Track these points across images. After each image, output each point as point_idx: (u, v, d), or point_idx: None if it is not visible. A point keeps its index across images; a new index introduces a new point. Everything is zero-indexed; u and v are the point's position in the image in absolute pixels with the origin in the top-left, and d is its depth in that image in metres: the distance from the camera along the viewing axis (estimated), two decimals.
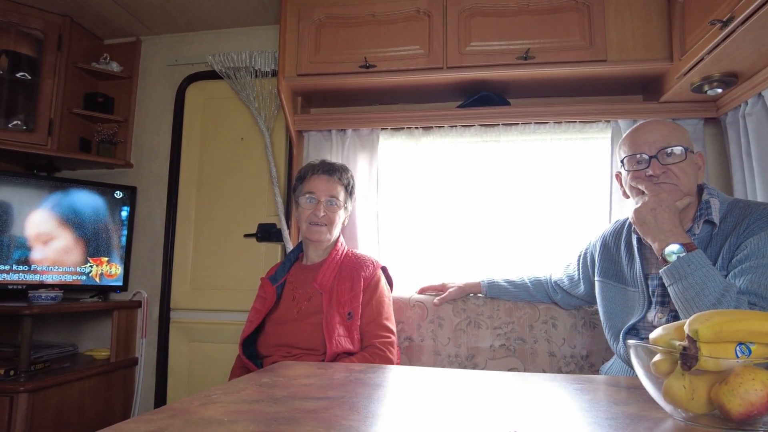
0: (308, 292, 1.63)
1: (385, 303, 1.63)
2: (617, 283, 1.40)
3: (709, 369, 0.69)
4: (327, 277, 1.62)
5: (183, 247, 2.46)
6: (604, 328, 1.43)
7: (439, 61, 1.93)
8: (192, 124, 2.53)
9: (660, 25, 1.80)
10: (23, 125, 2.27)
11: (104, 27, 2.53)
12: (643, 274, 1.31)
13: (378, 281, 1.65)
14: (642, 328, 1.29)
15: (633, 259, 1.36)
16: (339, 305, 1.56)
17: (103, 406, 2.22)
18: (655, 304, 1.28)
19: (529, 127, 2.05)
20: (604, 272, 1.44)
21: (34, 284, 2.19)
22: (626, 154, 1.32)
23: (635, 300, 1.33)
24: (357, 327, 1.56)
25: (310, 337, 1.53)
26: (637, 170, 1.28)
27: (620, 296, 1.38)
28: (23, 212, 2.22)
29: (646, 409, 0.78)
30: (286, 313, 1.63)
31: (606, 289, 1.42)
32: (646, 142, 1.28)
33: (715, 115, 1.89)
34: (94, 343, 2.48)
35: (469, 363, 1.76)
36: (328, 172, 1.71)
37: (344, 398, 0.84)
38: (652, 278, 1.30)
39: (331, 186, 1.69)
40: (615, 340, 1.36)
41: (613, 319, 1.37)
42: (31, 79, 2.28)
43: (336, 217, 1.69)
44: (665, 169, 1.25)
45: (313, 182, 1.70)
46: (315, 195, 1.68)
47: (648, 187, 1.24)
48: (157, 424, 0.68)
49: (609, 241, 1.47)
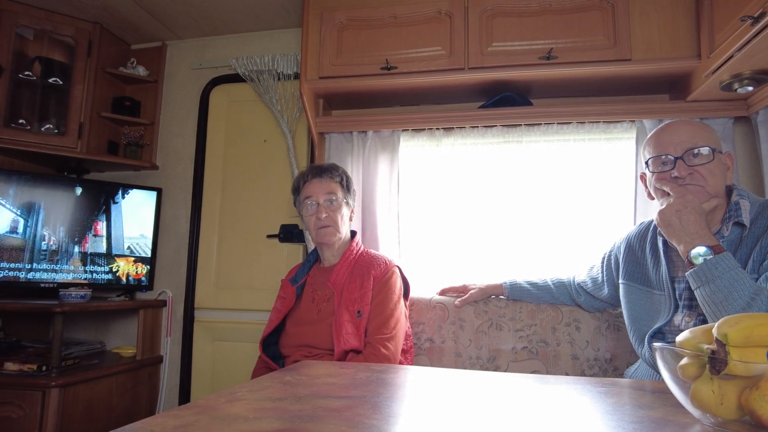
0: (326, 294, 1.64)
1: (391, 299, 1.59)
2: (642, 286, 1.37)
3: (739, 374, 0.67)
4: (340, 277, 1.63)
5: (207, 247, 2.50)
6: (629, 332, 1.40)
7: (460, 61, 1.92)
8: (216, 127, 2.57)
9: (687, 23, 1.77)
10: (55, 129, 2.34)
11: (132, 32, 2.60)
12: (669, 277, 1.29)
13: (388, 280, 1.62)
14: (668, 332, 1.26)
15: (658, 262, 1.33)
16: (348, 303, 1.56)
17: (129, 403, 2.27)
18: (683, 308, 1.25)
19: (551, 127, 2.03)
20: (629, 275, 1.41)
21: (65, 283, 2.26)
22: (651, 155, 1.29)
23: (661, 303, 1.30)
24: (365, 325, 1.56)
25: (327, 338, 1.54)
26: (663, 171, 1.25)
27: (645, 299, 1.35)
28: (54, 213, 2.29)
29: (673, 413, 0.76)
30: (306, 313, 1.65)
31: (630, 292, 1.40)
32: (671, 143, 1.25)
33: (745, 114, 1.84)
34: (121, 341, 2.54)
35: (491, 365, 1.75)
36: (318, 174, 1.71)
37: (366, 397, 0.84)
38: (678, 281, 1.27)
39: (325, 185, 1.68)
40: (640, 343, 1.34)
41: (638, 323, 1.35)
42: (62, 84, 2.35)
43: (339, 215, 1.68)
44: (691, 170, 1.21)
45: (308, 188, 1.69)
46: (313, 198, 1.67)
47: (673, 189, 1.21)
48: (184, 420, 0.69)
49: (634, 243, 1.44)
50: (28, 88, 2.35)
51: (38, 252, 2.24)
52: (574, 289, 1.70)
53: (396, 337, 1.55)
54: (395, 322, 1.57)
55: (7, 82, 2.21)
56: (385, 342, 1.52)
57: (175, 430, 0.65)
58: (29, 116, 2.33)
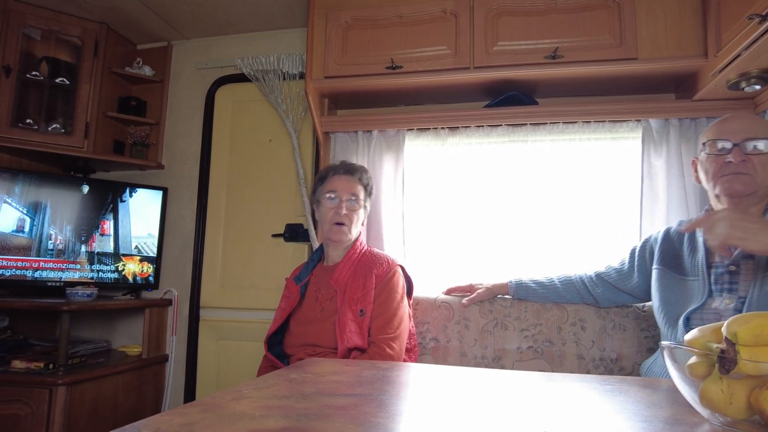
0: (330, 292, 1.65)
1: (395, 299, 1.59)
2: (676, 273, 1.40)
3: (749, 373, 0.67)
4: (343, 275, 1.63)
5: (212, 246, 2.51)
6: (659, 316, 1.41)
7: (465, 61, 1.92)
8: (221, 126, 2.58)
9: (694, 21, 1.76)
10: (61, 128, 2.36)
11: (138, 33, 2.61)
12: (706, 264, 1.32)
13: (391, 279, 1.62)
14: (705, 315, 1.27)
15: (695, 250, 1.37)
16: (351, 302, 1.56)
17: (135, 401, 2.28)
18: (721, 291, 1.27)
19: (557, 126, 2.02)
20: (664, 262, 1.44)
21: (71, 282, 2.27)
22: (709, 138, 1.33)
23: (694, 289, 1.33)
24: (368, 324, 1.56)
25: (331, 337, 1.54)
26: (718, 155, 1.30)
27: (678, 286, 1.38)
28: (61, 212, 2.31)
29: (681, 412, 0.76)
30: (309, 312, 1.65)
31: (664, 277, 1.42)
32: (732, 131, 1.29)
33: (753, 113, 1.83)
34: (127, 340, 2.55)
35: (496, 365, 1.74)
36: (348, 172, 1.73)
37: (372, 395, 0.84)
38: (716, 266, 1.30)
39: (352, 185, 1.71)
40: (672, 326, 1.34)
41: (669, 306, 1.37)
42: (69, 84, 2.36)
43: (356, 216, 1.70)
44: (745, 158, 1.26)
45: (334, 181, 1.72)
46: (337, 193, 1.69)
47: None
48: (190, 418, 0.69)
49: (672, 235, 1.48)
50: (36, 88, 2.36)
51: (45, 251, 2.25)
52: (590, 282, 1.67)
53: (400, 337, 1.56)
54: (399, 322, 1.57)
55: (15, 82, 2.23)
56: (390, 342, 1.52)
57: (181, 428, 0.65)
58: (36, 116, 2.34)
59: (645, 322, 1.68)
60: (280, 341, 1.69)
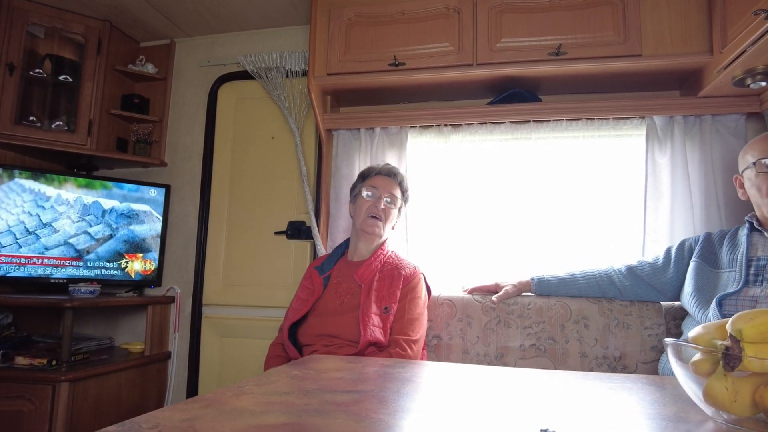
0: (352, 287, 1.68)
1: (418, 304, 1.64)
2: (711, 267, 1.51)
3: (754, 370, 0.66)
4: (368, 273, 1.68)
5: (215, 244, 2.51)
6: (690, 301, 1.48)
7: (469, 58, 1.91)
8: (224, 124, 2.58)
9: (699, 18, 1.75)
10: (65, 126, 2.36)
11: (141, 30, 2.61)
12: (746, 257, 1.43)
13: (417, 284, 1.68)
14: (739, 300, 1.36)
15: (736, 247, 1.48)
16: (378, 299, 1.60)
17: (138, 398, 2.29)
18: (762, 281, 1.37)
19: (560, 124, 2.01)
20: (702, 256, 1.55)
21: (75, 278, 2.28)
22: (760, 157, 1.44)
23: (728, 280, 1.43)
24: (391, 322, 1.59)
25: (351, 329, 1.56)
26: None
27: (712, 277, 1.49)
28: (63, 209, 2.31)
29: (685, 410, 0.75)
30: (329, 304, 1.68)
31: (700, 267, 1.53)
32: None
33: (758, 110, 1.81)
34: (130, 337, 2.55)
35: (499, 362, 1.74)
36: (391, 174, 1.82)
37: (374, 392, 0.84)
38: (758, 259, 1.41)
39: (392, 185, 1.80)
40: (704, 307, 1.42)
41: (702, 292, 1.46)
42: (72, 81, 2.37)
43: (391, 214, 1.78)
44: None
45: (376, 179, 1.80)
46: (378, 190, 1.77)
47: None
48: (191, 413, 0.69)
49: (713, 236, 1.59)
50: (39, 86, 2.36)
51: (49, 248, 2.26)
52: (619, 275, 1.69)
53: (420, 341, 1.60)
54: (419, 326, 1.61)
55: (18, 80, 2.23)
56: (411, 343, 1.56)
57: (181, 423, 0.65)
58: (40, 113, 2.34)
59: (649, 320, 1.67)
60: (295, 331, 1.70)
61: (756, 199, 1.46)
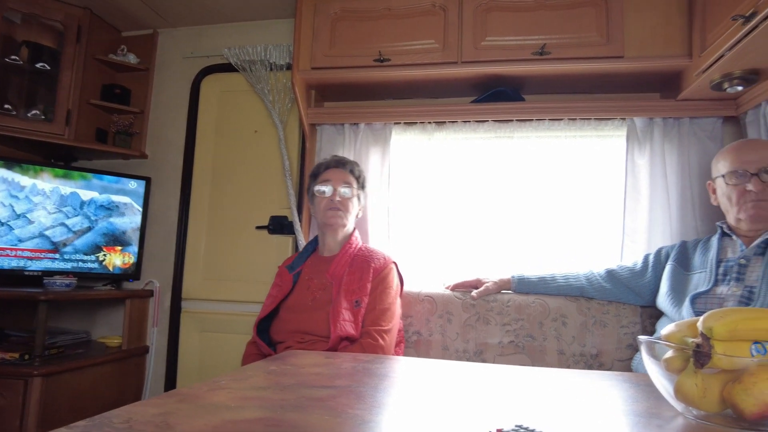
0: (323, 283, 1.68)
1: (390, 294, 1.65)
2: (685, 270, 1.58)
3: (723, 367, 0.68)
4: (339, 268, 1.68)
5: (196, 237, 2.48)
6: (666, 300, 1.54)
7: (454, 55, 1.91)
8: (207, 117, 2.55)
9: (680, 21, 1.77)
10: (42, 115, 2.30)
11: (123, 19, 2.56)
12: (716, 259, 1.49)
13: (387, 274, 1.68)
14: (709, 299, 1.42)
15: (707, 250, 1.55)
16: (348, 293, 1.60)
17: (115, 393, 2.25)
18: (729, 280, 1.43)
19: (543, 123, 2.03)
20: (677, 260, 1.61)
21: (50, 271, 2.23)
22: (728, 170, 1.48)
23: (699, 280, 1.50)
24: (362, 315, 1.59)
25: (323, 325, 1.55)
26: (737, 185, 1.46)
27: (686, 278, 1.55)
28: (39, 200, 2.26)
29: (657, 406, 0.77)
30: (301, 301, 1.68)
31: (675, 271, 1.59)
32: (749, 161, 1.44)
33: (734, 114, 1.85)
34: (107, 331, 2.51)
35: (477, 359, 1.75)
36: (340, 164, 1.83)
37: (351, 387, 0.84)
38: (727, 261, 1.47)
39: (344, 176, 1.80)
40: (678, 306, 1.48)
41: (677, 293, 1.52)
42: (50, 69, 2.31)
43: (350, 204, 1.77)
44: (763, 186, 1.41)
45: (327, 174, 1.81)
46: (330, 183, 1.76)
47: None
48: (165, 408, 0.68)
49: (688, 245, 1.65)
50: (15, 73, 2.30)
51: (23, 239, 2.20)
52: (600, 278, 1.73)
53: (392, 331, 1.60)
54: (391, 316, 1.62)
55: None
56: (382, 333, 1.56)
57: (154, 418, 0.64)
58: (16, 101, 2.28)
59: (625, 318, 1.70)
60: (268, 328, 1.70)
61: (726, 207, 1.52)
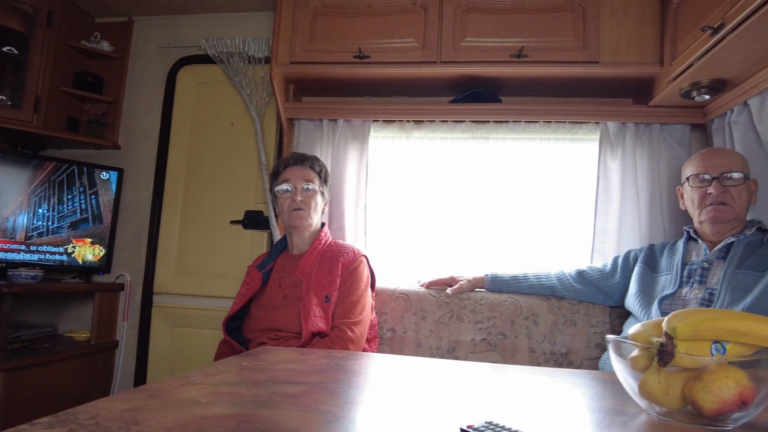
0: (294, 280, 1.67)
1: (359, 287, 1.64)
2: (652, 273, 1.64)
3: (685, 366, 0.70)
4: (309, 265, 1.66)
5: (168, 231, 2.43)
6: (635, 302, 1.59)
7: (433, 54, 1.92)
8: (182, 108, 2.50)
9: (653, 30, 1.82)
10: (8, 101, 2.22)
11: (96, 5, 2.48)
12: (681, 262, 1.55)
13: (356, 268, 1.67)
14: (675, 300, 1.49)
15: (674, 253, 1.61)
16: (317, 288, 1.59)
17: (82, 389, 2.20)
18: (693, 283, 1.49)
19: (519, 125, 2.06)
20: (645, 262, 1.67)
21: (15, 263, 2.16)
22: (692, 173, 1.56)
23: (666, 282, 1.56)
24: (333, 310, 1.59)
25: (295, 322, 1.55)
26: (700, 187, 1.53)
27: (653, 280, 1.61)
28: (5, 190, 2.19)
29: (623, 403, 0.79)
30: (272, 298, 1.67)
31: (643, 272, 1.65)
32: (711, 165, 1.51)
33: (702, 122, 1.91)
34: (75, 325, 2.45)
35: (450, 356, 1.77)
36: (299, 161, 1.78)
37: (324, 384, 0.84)
38: (691, 264, 1.53)
39: (304, 173, 1.75)
40: (646, 308, 1.54)
41: (645, 294, 1.58)
42: (18, 54, 2.23)
43: (313, 201, 1.74)
44: (724, 189, 1.48)
45: (287, 172, 1.76)
46: (291, 182, 1.73)
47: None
48: (134, 404, 0.67)
49: (655, 247, 1.72)
50: None
51: None
52: (571, 279, 1.78)
53: (362, 323, 1.60)
54: (361, 309, 1.61)
55: None
56: (352, 326, 1.56)
57: (123, 414, 0.63)
58: None
59: (595, 318, 1.74)
60: (239, 327, 1.69)
61: (691, 210, 1.59)
